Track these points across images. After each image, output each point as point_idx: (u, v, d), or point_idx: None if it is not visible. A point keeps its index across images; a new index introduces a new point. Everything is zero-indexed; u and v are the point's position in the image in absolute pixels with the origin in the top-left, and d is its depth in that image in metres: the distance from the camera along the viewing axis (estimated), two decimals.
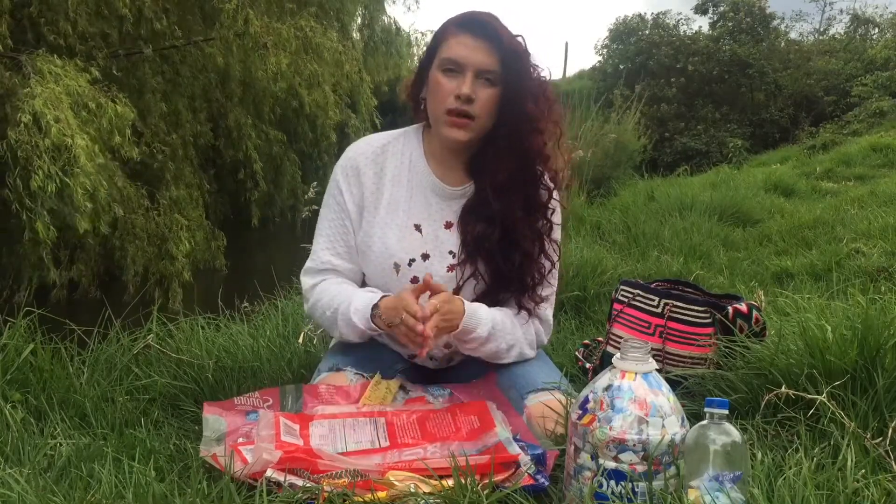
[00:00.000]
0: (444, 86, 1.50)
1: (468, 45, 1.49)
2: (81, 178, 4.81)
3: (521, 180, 1.56)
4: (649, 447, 1.13)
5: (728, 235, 4.38)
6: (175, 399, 1.76)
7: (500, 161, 1.54)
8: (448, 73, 1.50)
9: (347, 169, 1.62)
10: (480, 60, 1.48)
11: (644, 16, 16.73)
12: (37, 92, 4.96)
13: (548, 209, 1.62)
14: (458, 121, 1.50)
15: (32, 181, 4.75)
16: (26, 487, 1.21)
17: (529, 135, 1.53)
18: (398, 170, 1.61)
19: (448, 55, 1.50)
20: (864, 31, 16.77)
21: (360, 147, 1.65)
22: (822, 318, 1.65)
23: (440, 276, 1.57)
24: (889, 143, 8.54)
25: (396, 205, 1.60)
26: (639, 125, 8.95)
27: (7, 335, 1.76)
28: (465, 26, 1.51)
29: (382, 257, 1.57)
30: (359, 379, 1.58)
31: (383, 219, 1.59)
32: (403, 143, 1.64)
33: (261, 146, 8.49)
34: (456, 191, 1.61)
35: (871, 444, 1.31)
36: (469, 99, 1.48)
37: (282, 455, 1.24)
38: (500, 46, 1.49)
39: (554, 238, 1.64)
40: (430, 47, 1.58)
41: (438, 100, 1.52)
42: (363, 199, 1.60)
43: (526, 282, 1.60)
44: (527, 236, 1.58)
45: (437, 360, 1.69)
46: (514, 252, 1.57)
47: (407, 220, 1.59)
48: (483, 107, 1.50)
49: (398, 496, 1.19)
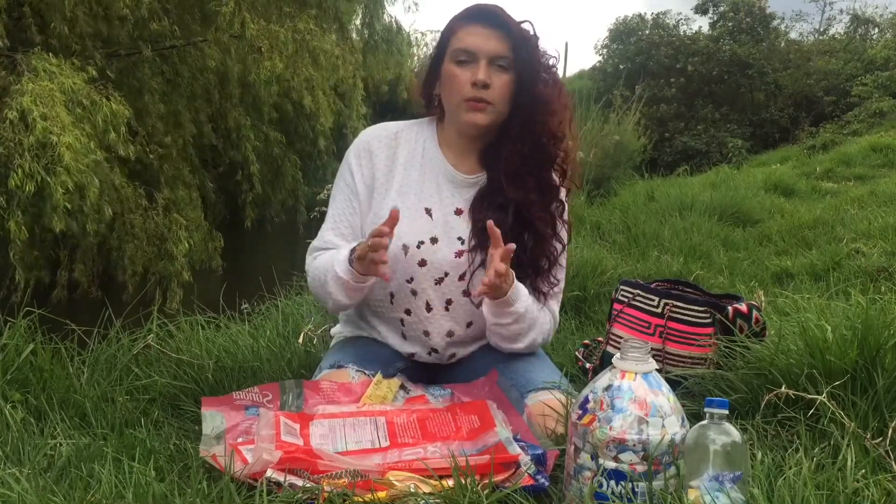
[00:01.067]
0: (459, 76, 1.54)
1: (479, 34, 1.53)
2: (63, 177, 4.76)
3: (534, 163, 1.59)
4: (649, 447, 1.13)
5: (728, 235, 4.38)
6: (175, 399, 1.76)
7: (515, 146, 1.57)
8: (462, 64, 1.54)
9: (360, 150, 1.65)
10: (493, 47, 1.52)
11: (644, 16, 16.78)
12: (26, 89, 4.93)
13: (560, 190, 1.65)
14: (477, 105, 1.53)
15: (10, 180, 4.71)
16: (26, 487, 1.21)
17: (543, 116, 1.56)
18: (411, 155, 1.64)
19: (460, 46, 1.54)
20: (864, 31, 16.79)
21: (374, 131, 1.68)
22: (822, 318, 1.65)
23: (448, 261, 1.60)
24: (889, 143, 8.56)
25: (408, 188, 1.62)
26: (638, 125, 8.96)
27: (7, 335, 1.76)
28: (474, 17, 1.55)
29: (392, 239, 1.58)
30: (360, 376, 1.58)
31: (394, 200, 1.60)
32: (417, 131, 1.68)
33: (260, 147, 8.48)
34: (468, 178, 1.63)
35: (871, 444, 1.31)
36: (485, 85, 1.51)
37: (282, 455, 1.24)
38: (510, 33, 1.52)
39: (565, 219, 1.67)
40: (439, 43, 1.61)
41: (455, 90, 1.55)
42: (374, 181, 1.63)
43: (540, 264, 1.62)
44: (541, 218, 1.60)
45: (439, 355, 1.69)
46: (528, 236, 1.60)
47: (418, 202, 1.61)
48: (499, 92, 1.53)
49: (398, 496, 1.19)
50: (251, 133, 8.29)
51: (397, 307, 1.64)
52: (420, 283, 1.60)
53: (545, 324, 1.65)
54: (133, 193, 6.29)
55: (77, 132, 4.95)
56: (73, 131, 4.90)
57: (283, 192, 9.32)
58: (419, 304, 1.63)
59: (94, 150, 5.09)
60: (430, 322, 1.64)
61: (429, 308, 1.63)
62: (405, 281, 1.61)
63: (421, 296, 1.62)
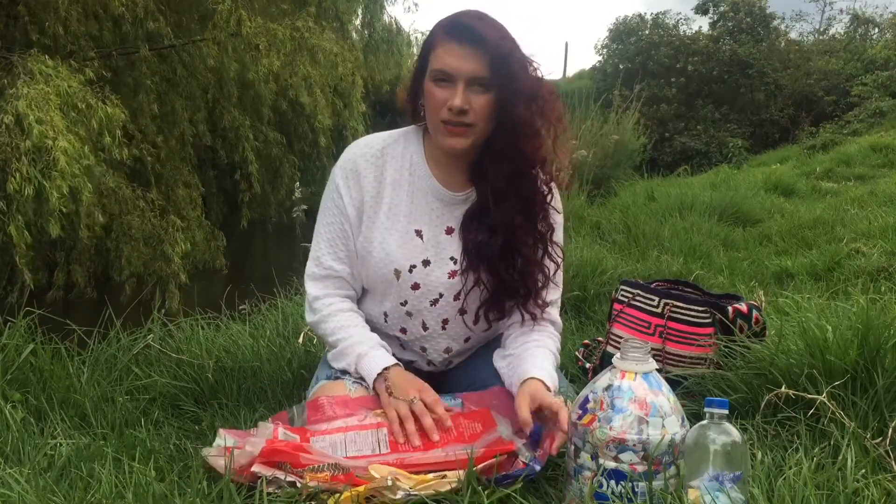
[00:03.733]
0: (436, 96, 1.47)
1: (455, 54, 1.44)
2: (59, 181, 4.76)
3: (518, 185, 1.53)
4: (649, 447, 1.13)
5: (728, 235, 4.38)
6: (175, 399, 1.76)
7: (498, 165, 1.51)
8: (440, 84, 1.47)
9: (347, 172, 1.58)
10: (471, 68, 1.44)
11: (644, 16, 16.73)
12: (22, 93, 4.92)
13: (548, 211, 1.59)
14: (455, 129, 1.47)
15: (9, 184, 4.70)
16: (26, 487, 1.21)
17: (523, 138, 1.49)
18: (399, 173, 1.58)
19: (437, 66, 1.47)
20: (864, 31, 16.76)
21: (359, 149, 1.61)
22: (823, 318, 1.65)
23: (442, 283, 1.56)
24: (889, 143, 8.55)
25: (397, 209, 1.57)
26: (638, 125, 8.95)
27: (7, 335, 1.76)
28: (451, 34, 1.47)
29: (383, 263, 1.55)
30: (357, 387, 1.54)
31: (383, 224, 1.56)
32: (404, 145, 1.61)
33: (259, 147, 8.46)
34: (458, 196, 1.58)
35: (871, 444, 1.31)
36: (462, 111, 1.45)
37: (264, 447, 1.24)
38: (489, 50, 1.44)
39: (556, 240, 1.62)
40: (420, 55, 1.54)
41: (433, 110, 1.49)
42: (363, 203, 1.57)
43: (530, 287, 1.58)
44: (527, 242, 1.55)
45: (436, 366, 1.69)
46: (517, 258, 1.55)
47: (408, 225, 1.56)
48: (479, 114, 1.46)
49: (377, 488, 1.20)
50: (250, 133, 8.27)
51: (392, 326, 1.62)
52: (415, 306, 1.58)
53: (555, 343, 1.62)
54: (131, 195, 6.29)
55: (71, 136, 4.94)
56: (67, 136, 4.89)
57: (282, 192, 9.31)
58: (415, 324, 1.60)
59: (87, 154, 5.07)
60: (427, 340, 1.62)
61: (425, 327, 1.60)
62: (399, 304, 1.59)
63: (416, 316, 1.59)
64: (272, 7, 7.79)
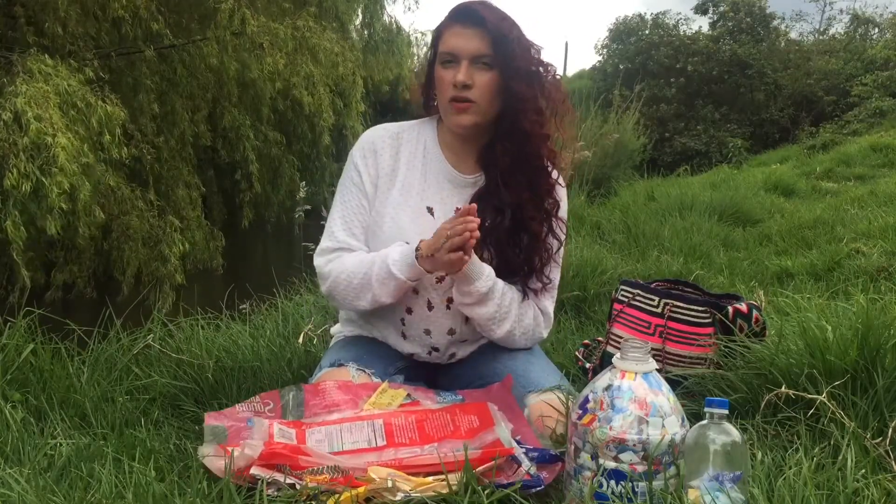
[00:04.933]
0: (444, 78, 1.56)
1: (459, 35, 1.54)
2: (59, 178, 4.76)
3: (523, 161, 1.60)
4: (649, 447, 1.13)
5: (728, 235, 4.39)
6: (175, 399, 1.76)
7: (504, 144, 1.58)
8: (447, 66, 1.56)
9: (365, 149, 1.66)
10: (473, 47, 1.53)
11: (644, 16, 16.74)
12: (20, 90, 4.92)
13: (553, 187, 1.66)
14: (460, 105, 1.55)
15: (6, 180, 4.70)
16: (26, 487, 1.21)
17: (525, 115, 1.56)
18: (413, 154, 1.66)
19: (444, 48, 1.56)
20: (864, 31, 16.75)
21: (376, 131, 1.70)
22: (823, 318, 1.65)
23: None
24: (889, 143, 8.56)
25: (410, 187, 1.64)
26: (638, 125, 8.96)
27: (7, 335, 1.76)
28: (456, 18, 1.57)
29: (393, 237, 1.59)
30: (361, 374, 1.58)
31: (396, 199, 1.62)
32: (418, 131, 1.70)
33: (259, 147, 8.46)
34: (468, 179, 1.65)
35: (871, 444, 1.31)
36: (465, 85, 1.53)
37: (263, 450, 1.24)
38: (489, 30, 1.53)
39: (560, 216, 1.68)
40: (431, 45, 1.64)
41: (441, 92, 1.58)
42: (378, 179, 1.64)
43: (534, 262, 1.64)
44: (535, 217, 1.62)
45: (439, 354, 1.69)
46: (523, 235, 1.62)
47: (420, 202, 1.63)
48: (481, 90, 1.54)
49: (377, 490, 1.20)
50: (250, 132, 8.28)
51: (399, 305, 1.64)
52: (422, 282, 1.61)
53: (526, 318, 1.65)
54: (130, 195, 6.28)
55: (70, 134, 4.93)
56: (66, 133, 4.89)
57: (282, 192, 9.31)
58: (420, 303, 1.64)
59: (86, 153, 5.07)
60: (432, 320, 1.65)
61: (430, 307, 1.64)
62: None
63: (423, 294, 1.63)
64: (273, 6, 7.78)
